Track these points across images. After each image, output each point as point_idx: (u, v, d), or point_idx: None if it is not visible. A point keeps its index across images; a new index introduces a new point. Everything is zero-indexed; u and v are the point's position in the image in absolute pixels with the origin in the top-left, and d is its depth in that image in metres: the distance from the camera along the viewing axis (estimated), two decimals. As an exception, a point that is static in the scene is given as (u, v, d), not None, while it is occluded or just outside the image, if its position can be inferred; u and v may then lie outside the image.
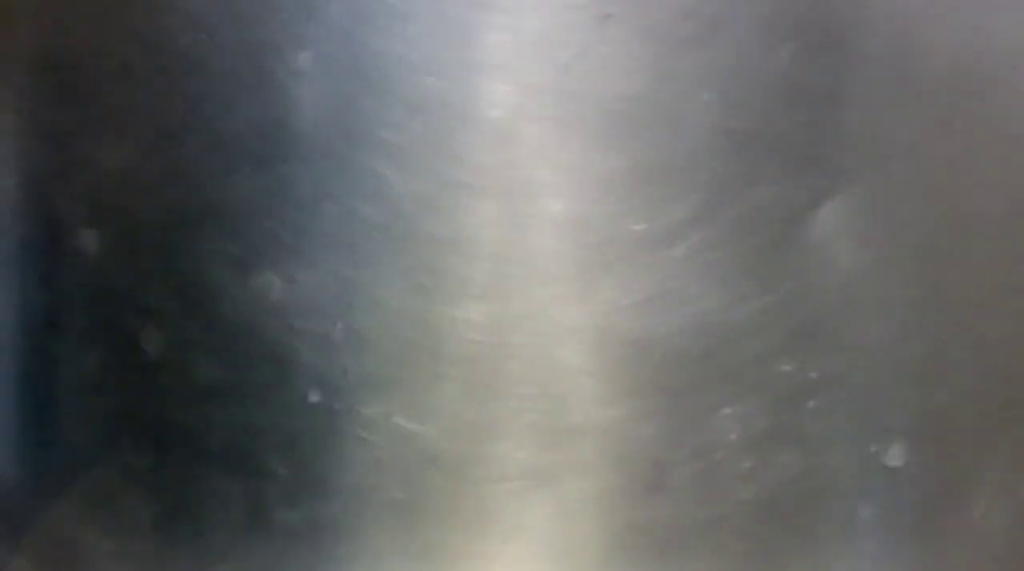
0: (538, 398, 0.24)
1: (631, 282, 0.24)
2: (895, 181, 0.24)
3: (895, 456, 0.25)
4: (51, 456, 0.27)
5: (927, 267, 0.25)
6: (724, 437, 0.24)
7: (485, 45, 0.23)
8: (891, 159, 0.24)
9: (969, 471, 0.26)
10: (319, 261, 0.24)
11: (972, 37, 0.24)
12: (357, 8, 0.23)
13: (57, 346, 0.27)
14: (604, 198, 0.24)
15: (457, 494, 0.25)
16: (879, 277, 0.24)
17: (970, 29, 0.24)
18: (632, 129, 0.24)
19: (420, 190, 0.23)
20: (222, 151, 0.24)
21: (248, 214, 0.24)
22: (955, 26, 0.24)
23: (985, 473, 0.26)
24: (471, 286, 0.24)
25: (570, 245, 0.24)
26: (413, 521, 0.25)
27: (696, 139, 0.23)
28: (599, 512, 0.25)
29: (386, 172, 0.24)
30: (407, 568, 0.25)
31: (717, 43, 0.23)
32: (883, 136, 0.24)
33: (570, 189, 0.24)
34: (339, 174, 0.24)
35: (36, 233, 0.27)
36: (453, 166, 0.24)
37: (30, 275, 0.27)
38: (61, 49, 0.24)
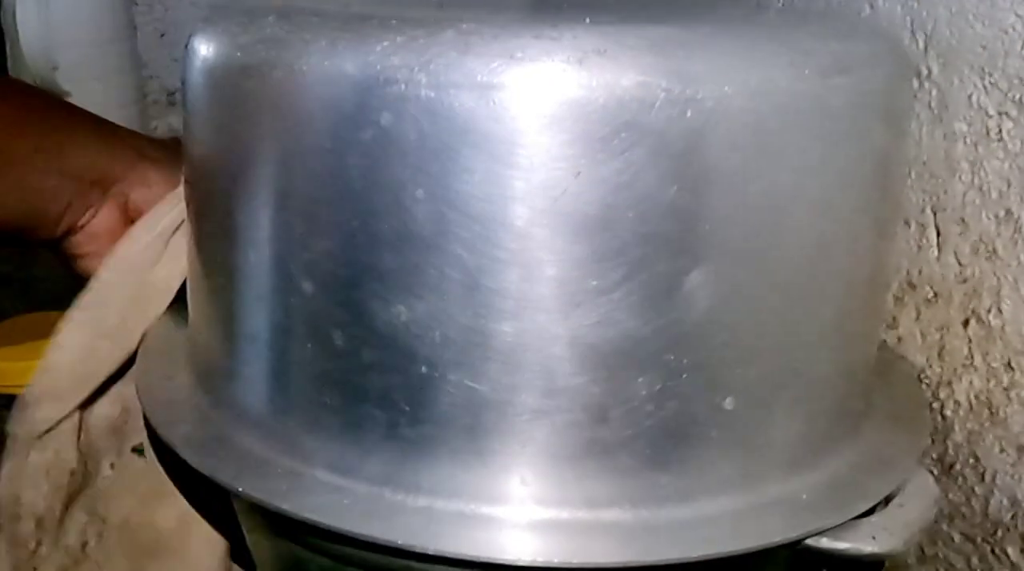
0: (541, 371, 0.34)
1: (588, 312, 0.34)
2: (733, 258, 0.35)
3: (729, 403, 0.36)
4: (287, 398, 0.39)
5: (749, 302, 0.35)
6: (638, 393, 0.35)
7: (513, 187, 0.33)
8: (729, 247, 0.35)
9: (767, 410, 0.37)
10: (427, 299, 0.34)
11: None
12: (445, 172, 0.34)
13: (286, 344, 0.38)
14: (577, 268, 0.34)
15: (499, 423, 0.35)
16: (722, 308, 0.35)
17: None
18: (590, 232, 0.33)
19: (481, 264, 0.34)
20: (375, 238, 0.34)
21: (390, 274, 0.34)
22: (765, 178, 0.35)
23: (777, 409, 0.37)
24: (506, 312, 0.34)
25: (558, 292, 0.34)
26: (473, 436, 0.35)
27: (624, 237, 0.34)
28: (571, 433, 0.35)
29: (461, 253, 0.34)
30: (468, 457, 0.35)
31: (638, 184, 0.33)
32: (724, 234, 0.35)
33: (559, 263, 0.34)
34: (437, 255, 0.34)
35: (276, 283, 0.37)
36: (499, 250, 0.33)
37: (267, 308, 0.38)
38: (290, 188, 0.36)
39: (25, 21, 0.75)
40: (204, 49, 0.38)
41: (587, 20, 0.35)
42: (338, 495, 0.37)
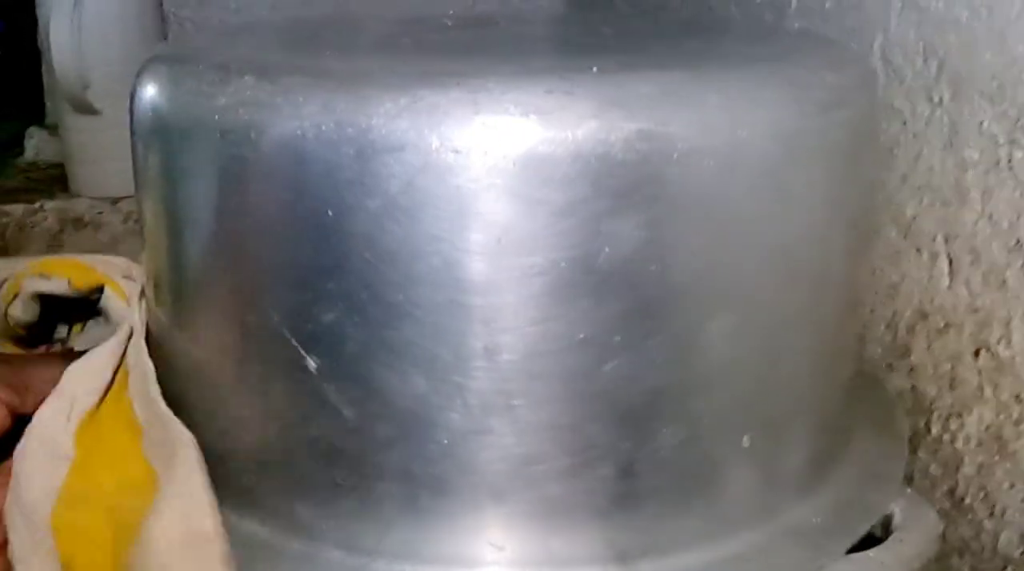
0: (568, 432, 0.34)
1: (614, 369, 0.33)
2: (750, 300, 0.35)
3: (747, 441, 0.36)
4: (293, 478, 0.36)
5: (763, 340, 0.36)
6: (664, 444, 0.34)
7: (531, 248, 0.32)
8: (746, 290, 0.35)
9: (779, 440, 0.37)
10: (447, 368, 0.33)
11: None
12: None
13: (290, 422, 0.35)
14: (601, 326, 0.33)
15: (526, 489, 0.34)
16: (740, 349, 0.35)
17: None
18: (614, 289, 0.33)
19: (502, 328, 0.33)
20: (388, 309, 0.33)
21: (406, 345, 0.33)
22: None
23: (787, 438, 0.38)
24: (531, 373, 0.33)
25: (583, 350, 0.33)
26: (500, 501, 0.34)
27: (647, 291, 0.33)
28: (601, 489, 0.35)
29: (482, 319, 0.33)
30: (494, 521, 0.34)
31: (660, 238, 0.32)
32: (742, 279, 0.34)
33: (583, 322, 0.33)
34: (455, 323, 0.33)
35: (281, 355, 0.34)
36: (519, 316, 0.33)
37: (267, 384, 0.36)
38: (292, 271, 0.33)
39: (57, 40, 0.71)
40: (166, 109, 0.35)
41: (594, 69, 0.33)
42: (358, 577, 0.35)
